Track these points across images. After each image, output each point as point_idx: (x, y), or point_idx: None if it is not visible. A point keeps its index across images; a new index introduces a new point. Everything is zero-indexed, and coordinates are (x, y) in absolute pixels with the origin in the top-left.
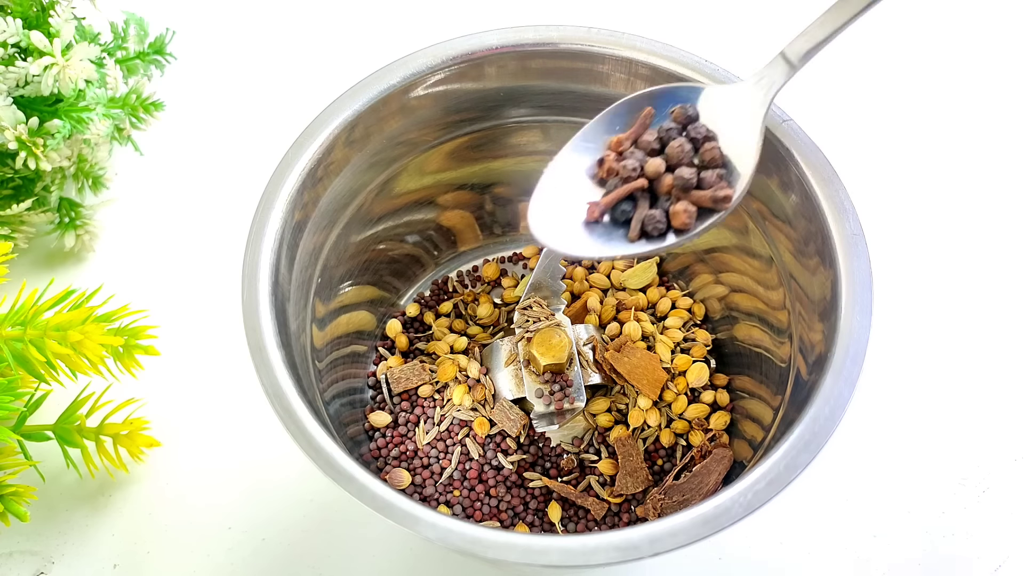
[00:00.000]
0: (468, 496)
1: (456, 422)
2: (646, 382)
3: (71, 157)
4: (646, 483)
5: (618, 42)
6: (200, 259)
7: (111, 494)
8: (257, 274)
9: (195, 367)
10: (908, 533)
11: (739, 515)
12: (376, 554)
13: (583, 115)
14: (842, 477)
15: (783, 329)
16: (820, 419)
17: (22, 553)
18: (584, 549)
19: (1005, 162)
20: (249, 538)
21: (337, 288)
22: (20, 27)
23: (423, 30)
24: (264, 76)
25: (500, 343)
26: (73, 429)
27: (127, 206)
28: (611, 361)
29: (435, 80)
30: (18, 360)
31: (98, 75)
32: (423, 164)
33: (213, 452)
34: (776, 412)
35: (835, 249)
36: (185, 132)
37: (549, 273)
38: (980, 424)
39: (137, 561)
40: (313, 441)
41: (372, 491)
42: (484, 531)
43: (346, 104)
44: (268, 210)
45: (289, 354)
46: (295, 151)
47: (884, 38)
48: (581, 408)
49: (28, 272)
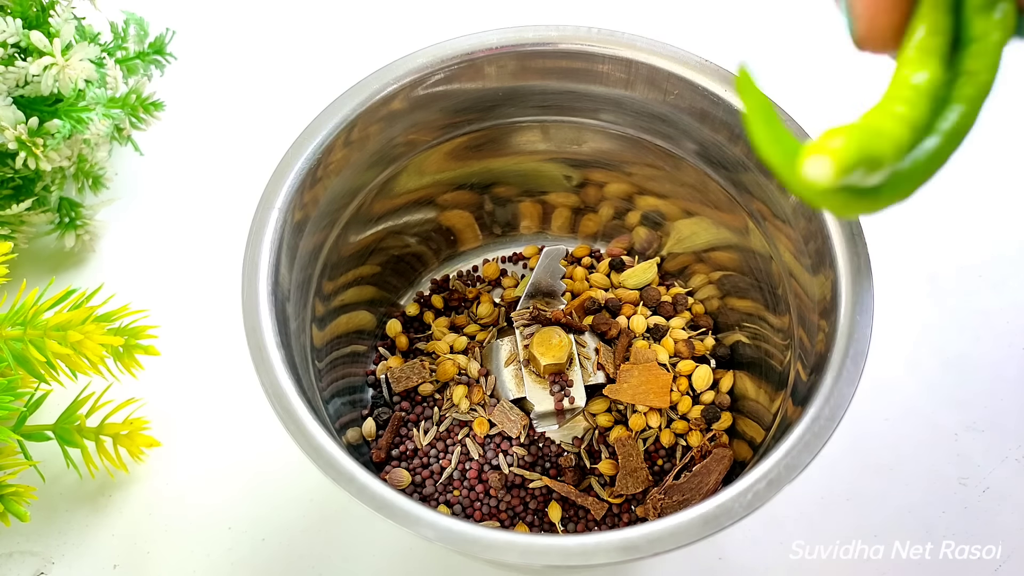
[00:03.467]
0: (468, 496)
1: (456, 422)
2: (653, 395)
3: (71, 157)
4: (646, 483)
5: (618, 42)
6: (200, 259)
7: (111, 494)
8: (257, 274)
9: (195, 367)
10: (909, 533)
11: (739, 515)
12: (376, 554)
13: (583, 115)
14: (842, 477)
15: (783, 329)
16: (820, 419)
17: (22, 553)
18: (584, 549)
19: (1005, 161)
20: (249, 538)
21: (337, 288)
22: (20, 27)
23: (423, 30)
24: (264, 76)
25: (500, 343)
26: (73, 429)
27: (127, 206)
28: (611, 396)
29: (435, 80)
30: (18, 360)
31: (98, 75)
32: (423, 164)
33: (213, 452)
34: (776, 412)
35: (835, 249)
36: (185, 132)
37: (549, 273)
38: (981, 424)
39: (137, 561)
40: (313, 440)
41: (372, 491)
42: (484, 531)
43: (345, 104)
44: (268, 210)
45: (289, 354)
46: (295, 151)
47: None
48: (582, 408)
49: (28, 272)
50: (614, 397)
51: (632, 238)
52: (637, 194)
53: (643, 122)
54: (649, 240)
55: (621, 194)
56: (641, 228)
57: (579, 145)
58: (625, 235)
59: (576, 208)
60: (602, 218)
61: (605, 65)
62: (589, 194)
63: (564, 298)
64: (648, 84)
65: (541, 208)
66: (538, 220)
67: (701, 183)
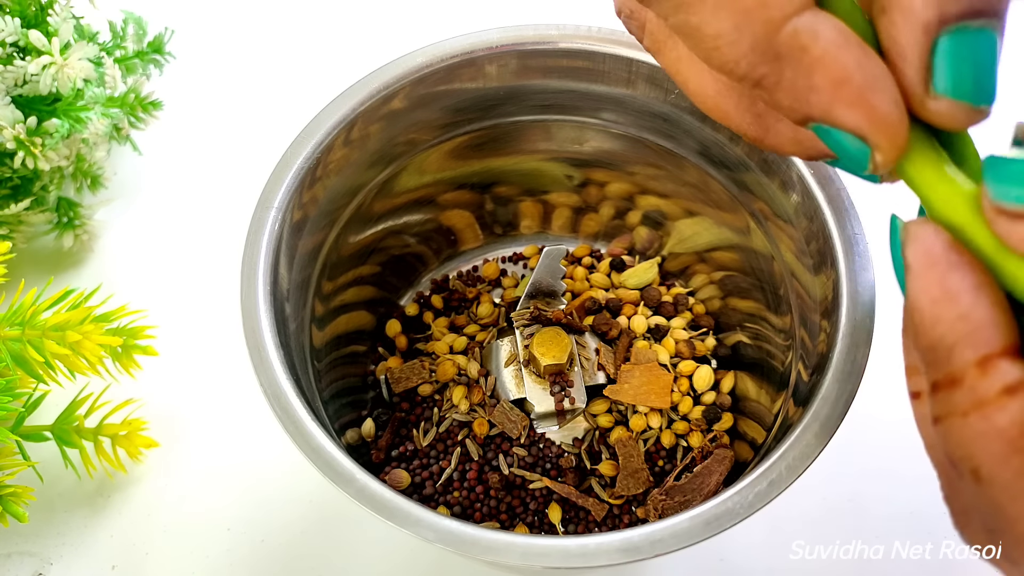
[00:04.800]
0: (468, 497)
1: (456, 423)
2: (654, 396)
3: (69, 156)
4: (647, 484)
5: (619, 40)
6: (199, 259)
7: (109, 495)
8: (256, 274)
9: (193, 367)
10: (910, 534)
11: (740, 516)
12: (375, 554)
13: (583, 114)
14: (843, 477)
15: (785, 329)
16: (821, 420)
17: (20, 554)
18: (584, 550)
19: None
20: (248, 539)
21: (336, 288)
22: (18, 26)
23: (423, 29)
24: (263, 75)
25: (500, 343)
26: (71, 430)
27: (126, 206)
28: (612, 396)
29: (435, 79)
30: (16, 360)
31: (96, 74)
32: (423, 163)
33: (212, 453)
34: (777, 413)
35: (837, 249)
36: (184, 131)
37: (549, 273)
38: None
39: (136, 562)
40: (312, 441)
41: (371, 492)
42: (484, 532)
43: (345, 103)
44: (267, 209)
45: (288, 354)
46: (294, 150)
47: None
48: (582, 408)
49: (26, 272)
50: (615, 398)
51: (633, 238)
52: (638, 194)
53: (644, 121)
54: (650, 240)
55: (622, 194)
56: (642, 228)
57: (580, 144)
58: (626, 235)
59: (577, 208)
60: (603, 218)
61: (606, 64)
62: (590, 194)
63: (564, 298)
64: (649, 83)
65: (542, 208)
66: (539, 220)
67: (702, 182)
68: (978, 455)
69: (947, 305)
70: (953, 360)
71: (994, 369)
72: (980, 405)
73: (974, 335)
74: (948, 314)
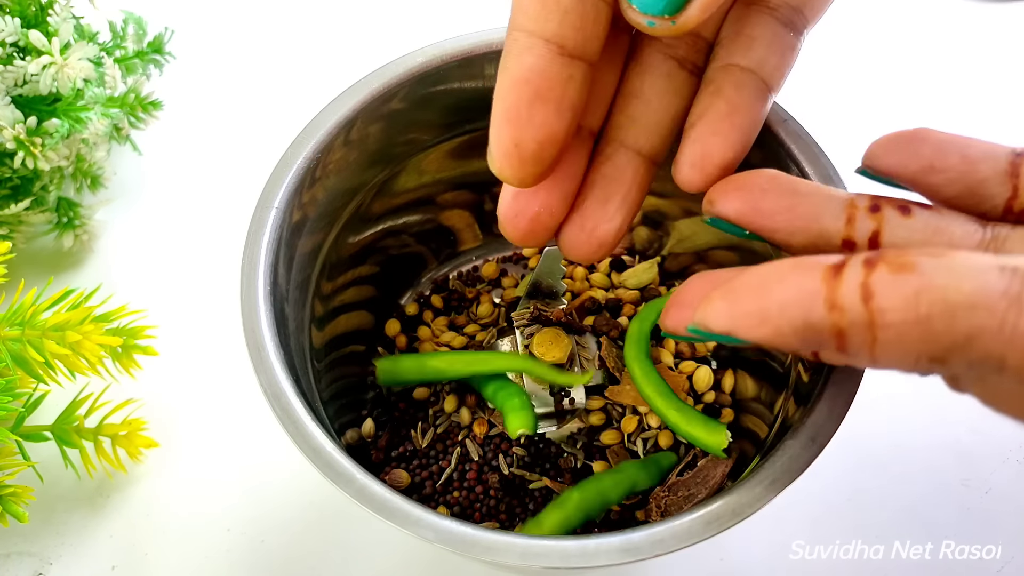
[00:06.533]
0: (467, 497)
1: (455, 423)
2: None
3: (69, 156)
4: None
5: None
6: (199, 259)
7: (109, 495)
8: (256, 274)
9: (193, 367)
10: (910, 534)
11: (741, 515)
12: (375, 554)
13: None
14: (843, 477)
15: None
16: (821, 420)
17: (20, 554)
18: (585, 551)
19: None
20: (247, 539)
21: (336, 288)
22: (18, 26)
23: (423, 29)
24: (263, 75)
25: (500, 343)
26: (71, 430)
27: (126, 206)
28: (613, 398)
29: (434, 78)
30: (16, 360)
31: (96, 74)
32: (423, 163)
33: (211, 453)
34: (777, 412)
35: None
36: (184, 131)
37: (549, 273)
38: (983, 424)
39: (135, 562)
40: (311, 441)
41: (371, 492)
42: (483, 532)
43: (345, 103)
44: (266, 210)
45: (287, 354)
46: (293, 150)
47: (886, 37)
48: (582, 409)
49: (26, 272)
50: (616, 399)
51: (633, 238)
52: None
53: None
54: (650, 240)
55: None
56: (642, 228)
57: None
58: (626, 235)
59: None
60: None
61: None
62: None
63: (564, 298)
64: None
65: None
66: None
67: None
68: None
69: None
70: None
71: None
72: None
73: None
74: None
